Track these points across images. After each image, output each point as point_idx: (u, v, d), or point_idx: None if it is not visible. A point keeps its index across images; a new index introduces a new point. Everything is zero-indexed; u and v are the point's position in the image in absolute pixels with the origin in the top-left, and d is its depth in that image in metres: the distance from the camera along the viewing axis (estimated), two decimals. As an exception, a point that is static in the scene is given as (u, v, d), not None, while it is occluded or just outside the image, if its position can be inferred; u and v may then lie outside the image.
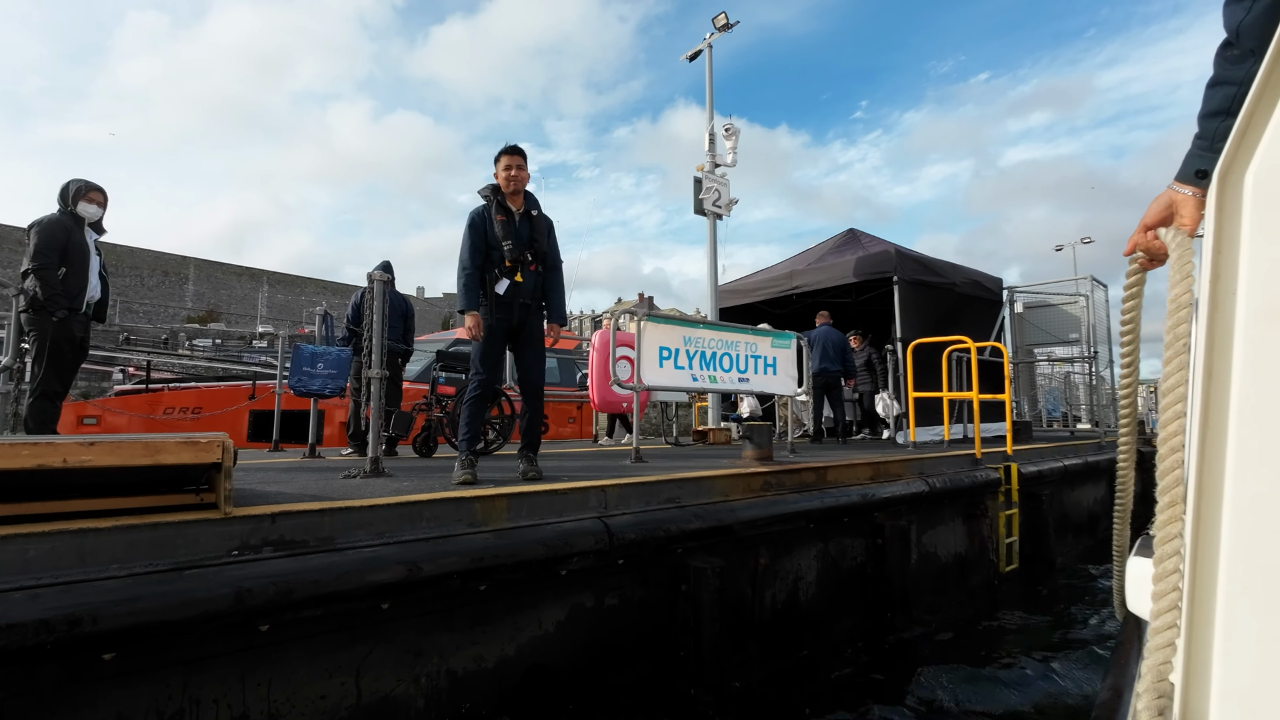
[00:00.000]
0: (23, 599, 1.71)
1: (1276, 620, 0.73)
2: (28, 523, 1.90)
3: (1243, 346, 0.77)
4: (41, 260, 3.78)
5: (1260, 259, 0.77)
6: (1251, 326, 0.77)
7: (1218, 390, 0.78)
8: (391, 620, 2.43)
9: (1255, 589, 0.74)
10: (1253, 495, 0.75)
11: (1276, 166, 0.76)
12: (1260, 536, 0.75)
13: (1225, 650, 0.76)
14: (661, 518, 3.20)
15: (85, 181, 4.06)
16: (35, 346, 3.78)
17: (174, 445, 2.03)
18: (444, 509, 2.63)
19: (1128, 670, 1.37)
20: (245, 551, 2.14)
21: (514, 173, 3.65)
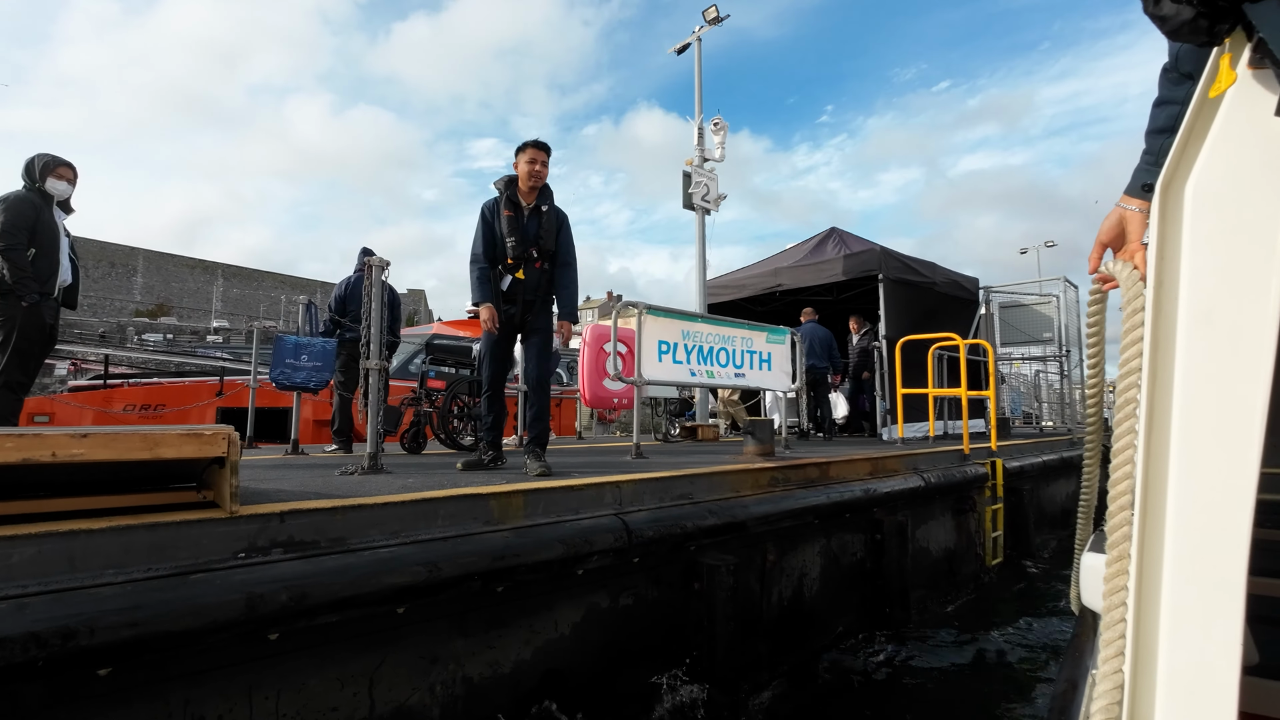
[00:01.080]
0: (8, 610, 1.52)
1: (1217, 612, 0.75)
2: (8, 524, 1.70)
3: (1184, 348, 0.80)
4: (9, 240, 3.48)
5: (1199, 266, 0.80)
6: (1192, 329, 0.80)
7: (1161, 391, 0.81)
8: (405, 625, 2.28)
9: (1198, 582, 0.77)
10: (1195, 492, 0.78)
11: (1213, 180, 0.80)
12: (1202, 531, 0.77)
13: (1170, 642, 0.78)
14: (677, 514, 3.10)
15: (53, 156, 3.74)
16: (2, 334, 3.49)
17: (175, 438, 1.85)
18: (459, 506, 2.49)
19: (1082, 663, 1.40)
20: (253, 554, 1.96)
21: (537, 168, 3.52)
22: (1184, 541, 0.78)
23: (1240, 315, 0.77)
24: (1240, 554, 0.74)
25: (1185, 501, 0.79)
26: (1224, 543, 0.76)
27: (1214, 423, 0.77)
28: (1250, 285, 0.77)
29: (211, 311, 48.57)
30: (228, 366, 7.21)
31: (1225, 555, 0.75)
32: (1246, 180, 0.78)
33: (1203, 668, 0.75)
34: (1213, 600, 0.76)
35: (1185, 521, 0.78)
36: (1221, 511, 0.76)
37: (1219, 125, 0.81)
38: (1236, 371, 0.77)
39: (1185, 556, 0.78)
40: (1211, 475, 0.77)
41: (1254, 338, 0.76)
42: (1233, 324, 0.77)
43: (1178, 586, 0.78)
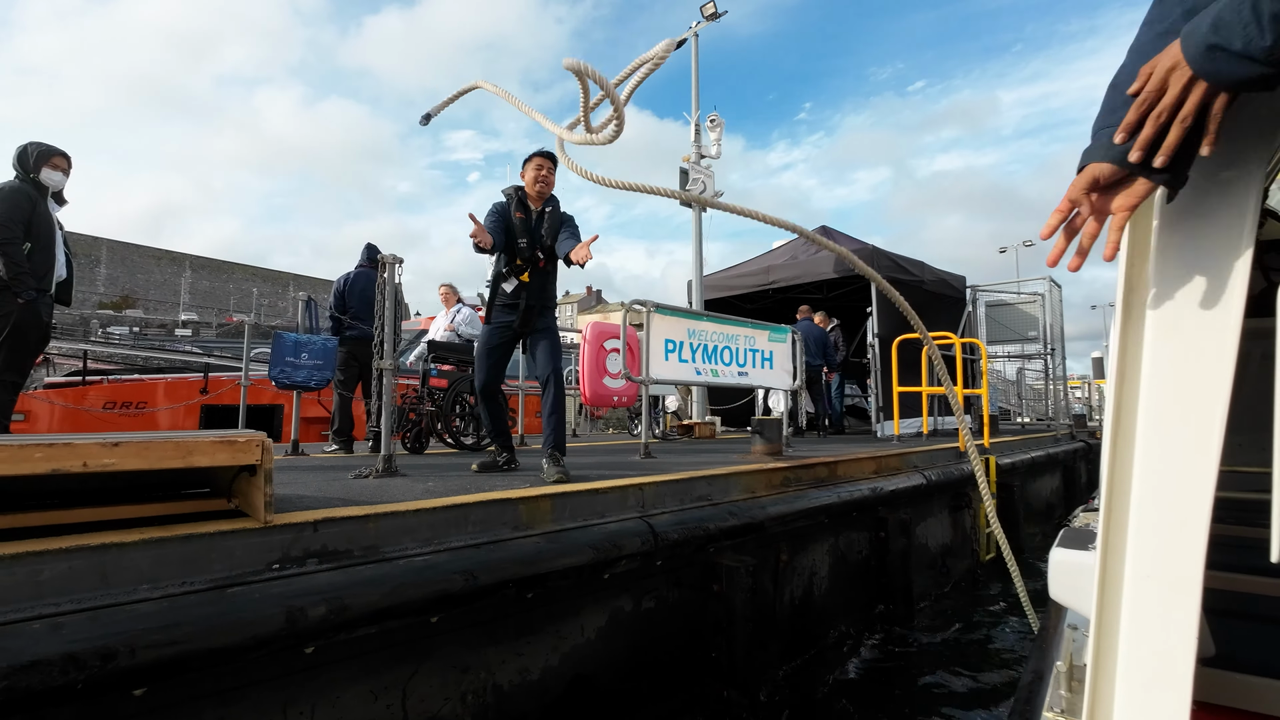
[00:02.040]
0: (43, 630, 1.44)
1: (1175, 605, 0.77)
2: (32, 538, 1.61)
3: (1150, 355, 0.82)
4: (6, 234, 3.30)
5: (1166, 275, 0.82)
6: (1158, 334, 0.82)
7: (1128, 395, 0.84)
8: (438, 634, 2.22)
9: (1158, 576, 0.79)
10: (1157, 489, 0.80)
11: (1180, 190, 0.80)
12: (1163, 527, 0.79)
13: (1130, 634, 0.80)
14: (700, 516, 3.09)
15: (47, 145, 3.56)
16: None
17: (209, 445, 1.77)
18: (489, 511, 2.43)
19: (1049, 655, 1.43)
20: (287, 565, 1.89)
21: (544, 174, 3.61)
22: (1145, 537, 0.80)
23: (1204, 322, 0.79)
24: (1198, 549, 0.77)
25: (1147, 499, 0.81)
26: (1183, 539, 0.78)
27: (1177, 424, 0.80)
28: (1215, 293, 0.79)
29: (179, 304, 47.14)
30: (212, 363, 6.99)
31: (1184, 551, 0.78)
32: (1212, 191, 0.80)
33: (1161, 659, 0.77)
34: (1171, 594, 0.78)
35: (1147, 518, 0.81)
36: (1182, 509, 0.78)
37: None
38: (1199, 376, 0.79)
39: (1147, 552, 0.80)
40: (1173, 474, 0.79)
41: (1217, 344, 0.78)
42: (1197, 330, 0.79)
43: (1138, 581, 0.80)
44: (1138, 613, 0.81)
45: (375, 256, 4.91)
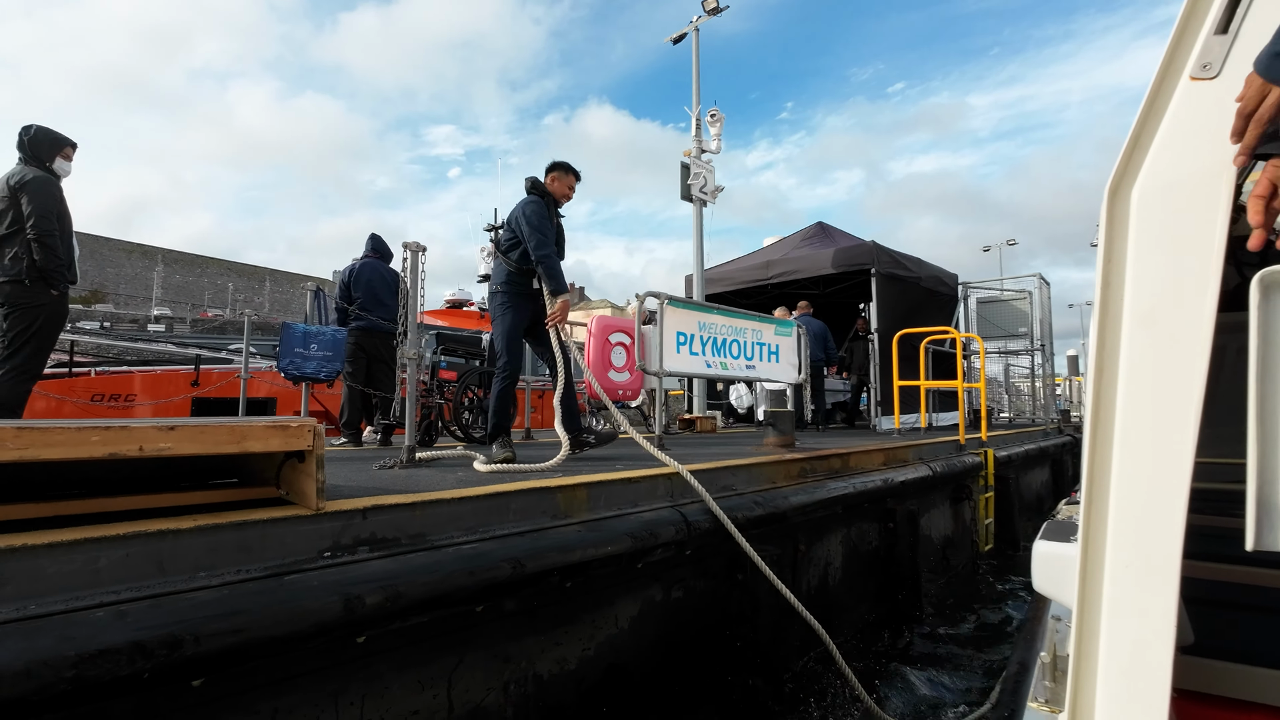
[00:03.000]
0: (108, 618, 1.39)
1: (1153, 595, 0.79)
2: (84, 525, 1.55)
3: (1127, 347, 0.84)
4: (45, 226, 3.31)
5: (1142, 268, 0.85)
6: (1134, 329, 0.84)
7: (1106, 387, 0.85)
8: (481, 624, 2.19)
9: (1136, 566, 0.81)
10: (1134, 481, 0.82)
11: (1157, 186, 0.84)
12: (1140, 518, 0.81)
13: (1110, 624, 0.82)
14: (727, 506, 3.08)
15: (57, 133, 3.48)
16: (24, 323, 3.29)
17: (262, 430, 1.72)
18: (529, 500, 2.41)
19: (1034, 645, 1.45)
20: (338, 552, 1.85)
21: (570, 192, 3.94)
22: (1124, 528, 0.82)
23: (1179, 317, 0.81)
24: (1175, 540, 0.78)
25: (1126, 491, 0.83)
26: (1161, 529, 0.79)
27: (1153, 417, 0.81)
28: (1189, 288, 0.81)
29: (152, 299, 45.95)
30: (203, 355, 6.83)
31: (1162, 541, 0.79)
32: (1188, 187, 0.82)
33: (1140, 648, 0.79)
34: (1149, 584, 0.79)
35: (1125, 510, 0.82)
36: (1159, 500, 0.80)
37: (1163, 134, 0.85)
38: (1175, 370, 0.80)
39: (1125, 543, 0.82)
40: (1150, 466, 0.81)
41: (1192, 338, 0.79)
42: (1172, 325, 0.81)
43: (1117, 571, 0.82)
44: (1117, 603, 0.82)
45: (380, 247, 4.85)
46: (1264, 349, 0.74)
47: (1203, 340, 0.79)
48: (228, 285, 49.74)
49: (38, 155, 3.42)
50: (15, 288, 3.27)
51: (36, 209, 3.31)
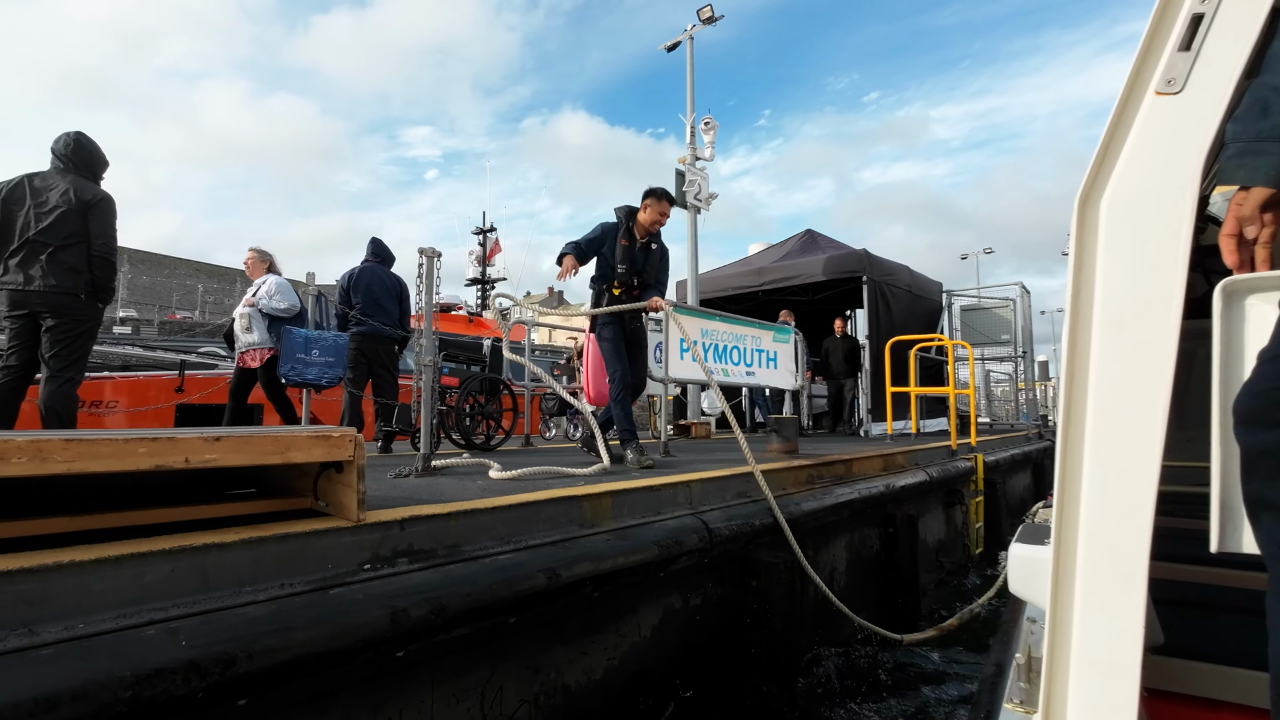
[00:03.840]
0: (160, 636, 1.35)
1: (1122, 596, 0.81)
2: (127, 539, 1.51)
3: (1097, 354, 0.86)
4: (112, 245, 3.42)
5: (1111, 277, 0.87)
6: (1104, 336, 0.86)
7: (1077, 393, 0.87)
8: (513, 635, 2.17)
9: (1106, 567, 0.83)
10: (1104, 485, 0.84)
11: (1124, 198, 0.87)
12: (1110, 521, 0.83)
13: (1081, 626, 0.84)
14: (744, 513, 3.11)
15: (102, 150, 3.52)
16: (77, 335, 3.36)
17: (305, 440, 1.69)
18: (558, 509, 2.40)
19: (1010, 647, 1.47)
20: (378, 564, 1.82)
21: (661, 219, 3.95)
22: (1094, 531, 0.84)
23: (1147, 324, 0.83)
24: (1143, 542, 0.80)
25: (1096, 494, 0.84)
26: (1129, 532, 0.81)
27: (1122, 422, 0.83)
28: (1156, 296, 0.83)
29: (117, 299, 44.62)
30: (188, 360, 6.64)
31: (1130, 544, 0.81)
32: (1154, 198, 0.85)
33: (1110, 648, 0.81)
34: (1119, 586, 0.81)
35: (1096, 512, 0.84)
36: (1128, 503, 0.82)
37: (1131, 145, 0.88)
38: (1143, 376, 0.83)
39: (1095, 545, 0.84)
40: (1119, 470, 0.83)
41: (1159, 345, 0.82)
42: (1140, 332, 0.84)
43: (1088, 573, 0.84)
44: (1088, 604, 0.84)
45: (381, 251, 4.78)
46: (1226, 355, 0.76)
47: (1169, 346, 0.81)
48: (197, 286, 48.52)
49: (91, 167, 3.49)
50: (70, 300, 3.30)
51: (107, 228, 3.40)
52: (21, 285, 3.27)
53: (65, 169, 3.44)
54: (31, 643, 1.24)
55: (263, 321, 4.51)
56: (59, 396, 3.29)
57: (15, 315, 3.33)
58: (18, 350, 3.32)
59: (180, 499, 1.81)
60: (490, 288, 14.28)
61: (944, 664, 4.23)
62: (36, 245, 3.27)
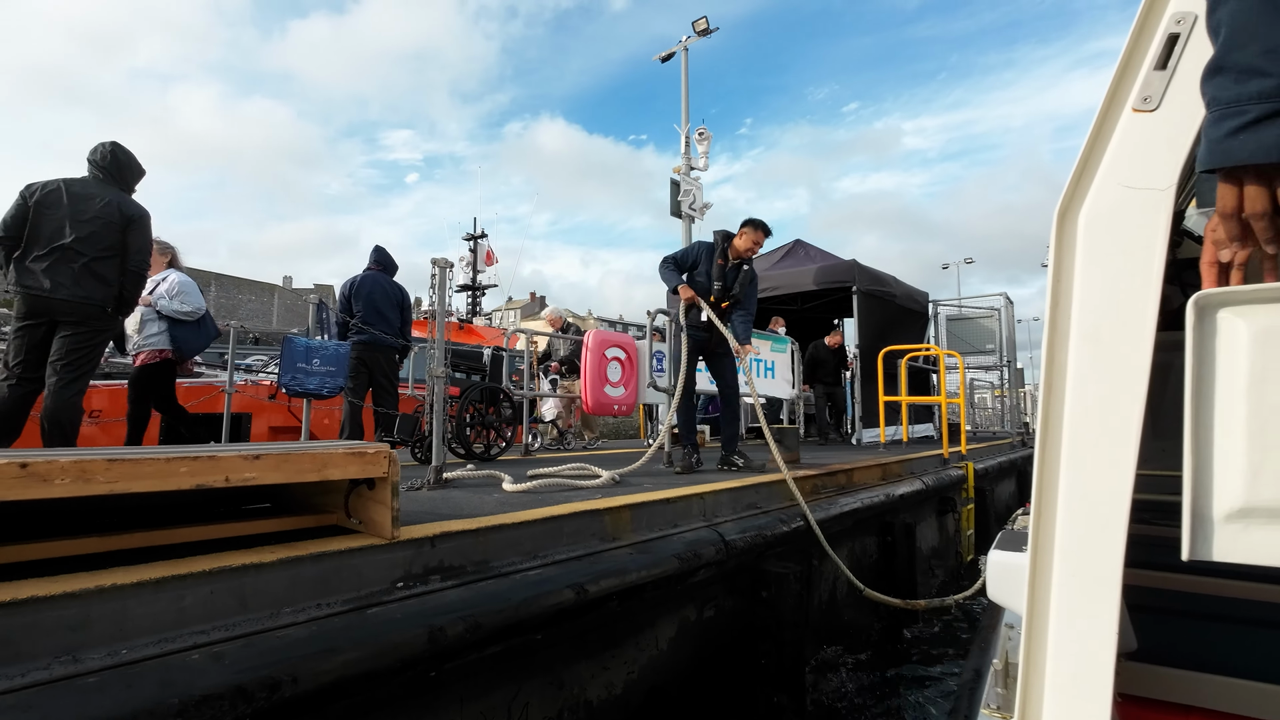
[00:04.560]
0: (204, 661, 1.32)
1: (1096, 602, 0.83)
2: (155, 560, 1.47)
3: (1074, 363, 0.88)
4: (149, 261, 3.46)
5: (1088, 289, 0.89)
6: (1080, 345, 0.88)
7: (1055, 403, 0.89)
8: (539, 651, 2.16)
9: (1081, 574, 0.84)
10: (1080, 492, 0.86)
11: (1102, 211, 0.89)
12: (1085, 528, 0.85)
13: (1056, 631, 0.85)
14: (757, 524, 3.12)
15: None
16: (92, 346, 3.31)
17: (341, 457, 1.66)
18: (579, 523, 2.39)
19: (988, 653, 1.49)
20: (411, 582, 1.80)
21: (755, 246, 4.34)
22: (1070, 538, 0.85)
23: (1122, 335, 0.85)
24: (1117, 549, 0.82)
25: (1072, 501, 0.86)
26: (1104, 539, 0.83)
27: (1098, 432, 0.85)
28: (1131, 308, 0.85)
29: (86, 304, 43.31)
30: (175, 368, 6.47)
31: (1105, 550, 0.82)
32: (1130, 212, 0.86)
33: (1084, 654, 0.82)
34: (1092, 592, 0.82)
35: (1071, 519, 0.85)
36: (1102, 510, 0.83)
37: (1109, 159, 0.89)
38: (1118, 385, 0.84)
39: (1070, 551, 0.85)
40: (1094, 478, 0.84)
41: (1133, 355, 0.84)
42: (1115, 342, 0.85)
43: (1063, 579, 0.85)
44: (1062, 610, 0.84)
45: (384, 259, 4.73)
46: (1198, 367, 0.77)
47: (1143, 358, 0.83)
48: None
49: (127, 180, 3.45)
50: (95, 311, 3.22)
51: (145, 244, 3.40)
52: (47, 291, 3.16)
53: (105, 180, 3.40)
54: (76, 670, 1.20)
55: (160, 322, 4.17)
56: (66, 409, 3.18)
57: (32, 322, 3.22)
58: (31, 362, 3.21)
59: (193, 515, 1.77)
60: (481, 294, 14.20)
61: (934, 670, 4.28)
62: (70, 253, 3.18)
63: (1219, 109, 0.72)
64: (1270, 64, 0.68)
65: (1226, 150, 0.71)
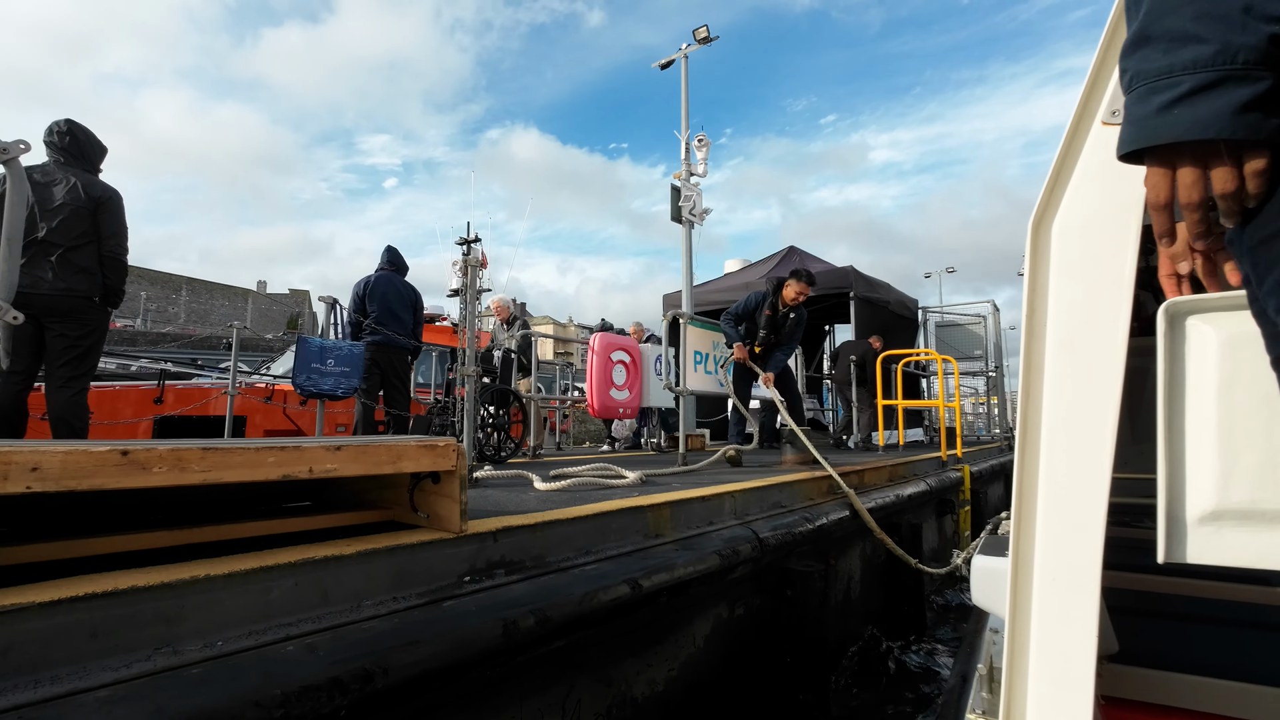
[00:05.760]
0: (299, 652, 1.30)
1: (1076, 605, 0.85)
2: (243, 552, 1.45)
3: (1050, 371, 0.91)
4: (125, 245, 3.29)
5: (1062, 297, 0.92)
6: (1056, 354, 0.91)
7: (1033, 409, 0.92)
8: (590, 647, 2.15)
9: (1060, 578, 0.86)
10: (1058, 497, 0.88)
11: (1075, 221, 0.92)
12: (1063, 532, 0.87)
13: (1038, 635, 0.87)
14: (786, 523, 3.15)
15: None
16: (90, 341, 3.26)
17: (415, 450, 1.66)
18: (625, 520, 2.40)
19: (973, 657, 1.51)
20: (477, 576, 1.79)
21: (800, 296, 5.13)
22: (1049, 542, 0.87)
23: (1096, 342, 0.87)
24: (1095, 552, 0.84)
25: (1050, 506, 0.88)
26: (1082, 543, 0.84)
27: (1074, 437, 0.87)
28: (1104, 316, 0.87)
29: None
30: (169, 370, 6.33)
31: (1083, 554, 0.84)
32: (1101, 221, 0.89)
33: (1065, 658, 0.83)
34: (1072, 596, 0.84)
35: (1049, 524, 0.87)
36: (1080, 514, 0.85)
37: (1080, 171, 0.92)
38: (1092, 392, 0.86)
39: (1050, 556, 0.87)
40: (1072, 483, 0.86)
41: (1107, 362, 0.86)
42: (1090, 350, 0.87)
43: (1044, 583, 0.86)
44: (1043, 614, 0.86)
45: (396, 260, 4.69)
46: (1169, 374, 0.80)
47: (1117, 364, 0.85)
48: (139, 294, 46.13)
49: (89, 158, 3.26)
50: (82, 304, 3.11)
51: (118, 227, 3.23)
52: (29, 288, 3.09)
53: (65, 162, 3.24)
54: (178, 662, 1.18)
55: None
56: (71, 406, 3.12)
57: None
58: (21, 356, 3.13)
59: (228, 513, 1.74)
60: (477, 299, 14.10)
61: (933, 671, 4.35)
62: (46, 245, 3.10)
63: (1146, 83, 0.63)
64: (1206, 28, 0.59)
65: (1157, 128, 0.62)
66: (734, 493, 3.09)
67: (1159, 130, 0.62)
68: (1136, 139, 0.64)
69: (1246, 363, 0.72)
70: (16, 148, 1.71)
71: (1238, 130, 0.58)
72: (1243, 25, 0.57)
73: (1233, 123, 0.58)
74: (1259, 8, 0.57)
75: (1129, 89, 0.66)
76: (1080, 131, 0.91)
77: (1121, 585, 1.52)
